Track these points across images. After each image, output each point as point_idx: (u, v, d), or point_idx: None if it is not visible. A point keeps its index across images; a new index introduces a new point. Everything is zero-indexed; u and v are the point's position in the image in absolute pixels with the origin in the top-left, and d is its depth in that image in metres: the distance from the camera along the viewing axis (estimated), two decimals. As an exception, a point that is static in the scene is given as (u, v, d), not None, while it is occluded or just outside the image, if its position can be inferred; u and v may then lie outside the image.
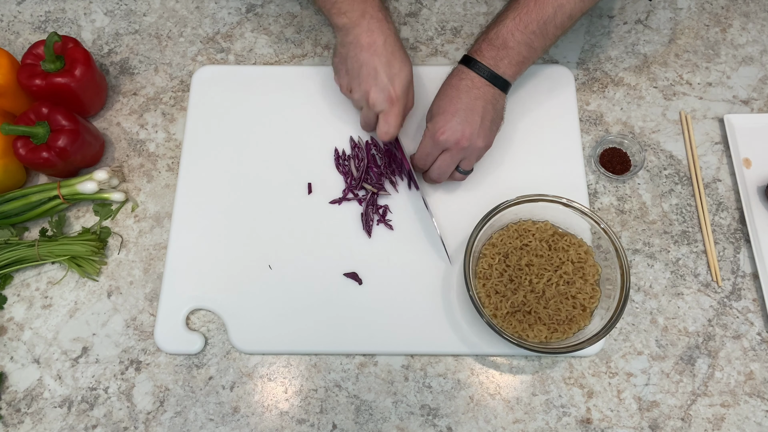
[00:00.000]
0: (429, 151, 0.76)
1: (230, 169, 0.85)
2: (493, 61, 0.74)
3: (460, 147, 0.74)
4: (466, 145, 0.74)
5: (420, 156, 0.77)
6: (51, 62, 0.81)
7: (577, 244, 0.76)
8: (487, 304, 0.73)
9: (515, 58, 0.75)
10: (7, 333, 0.78)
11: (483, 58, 0.74)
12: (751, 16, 0.95)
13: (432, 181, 0.80)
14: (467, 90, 0.74)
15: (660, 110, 0.89)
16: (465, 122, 0.73)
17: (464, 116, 0.73)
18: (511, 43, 0.74)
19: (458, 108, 0.73)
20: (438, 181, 0.79)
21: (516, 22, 0.74)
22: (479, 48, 0.75)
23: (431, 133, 0.74)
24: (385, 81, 0.74)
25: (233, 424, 0.73)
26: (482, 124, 0.74)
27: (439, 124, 0.74)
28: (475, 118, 0.73)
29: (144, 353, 0.77)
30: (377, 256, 0.79)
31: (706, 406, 0.73)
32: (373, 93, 0.74)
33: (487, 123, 0.75)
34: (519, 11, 0.74)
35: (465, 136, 0.73)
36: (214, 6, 0.97)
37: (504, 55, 0.74)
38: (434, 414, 0.73)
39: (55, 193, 0.81)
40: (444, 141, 0.74)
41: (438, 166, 0.76)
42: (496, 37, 0.74)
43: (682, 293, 0.79)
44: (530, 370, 0.75)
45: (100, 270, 0.81)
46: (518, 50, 0.74)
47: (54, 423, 0.74)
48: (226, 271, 0.79)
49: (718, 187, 0.84)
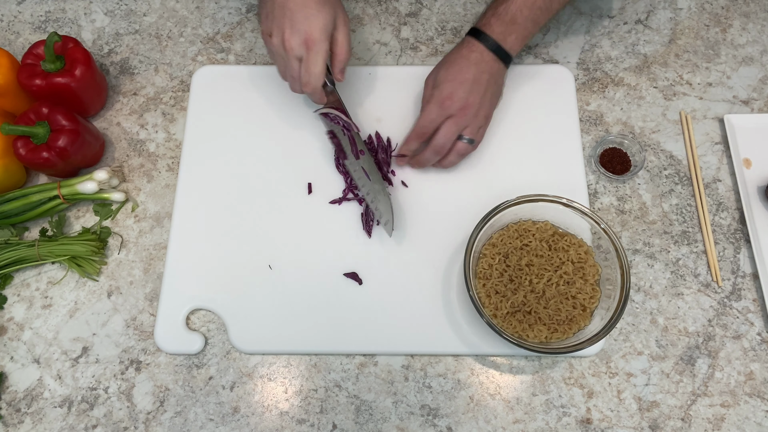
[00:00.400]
0: (434, 117, 0.76)
1: (230, 169, 0.85)
2: (502, 36, 0.76)
3: (465, 113, 0.75)
4: (470, 113, 0.76)
5: (424, 122, 0.77)
6: (51, 62, 0.81)
7: (577, 244, 0.76)
8: (487, 304, 0.73)
9: (522, 33, 0.77)
10: (7, 333, 0.78)
11: (492, 32, 0.76)
12: (751, 16, 0.95)
13: (434, 153, 0.78)
14: (476, 62, 0.76)
15: (660, 110, 0.89)
16: (471, 92, 0.75)
17: (470, 86, 0.75)
18: (520, 19, 0.76)
19: (466, 78, 0.75)
20: (441, 150, 0.78)
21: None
22: (488, 22, 0.77)
23: (438, 99, 0.76)
24: (302, 21, 0.70)
25: (233, 424, 0.73)
26: (485, 95, 0.77)
27: (447, 90, 0.75)
28: (480, 89, 0.76)
29: (144, 353, 0.77)
30: (377, 256, 0.79)
31: (706, 406, 0.73)
32: (287, 34, 0.71)
33: (489, 95, 0.77)
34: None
35: (470, 103, 0.75)
36: (214, 6, 0.97)
37: (512, 31, 0.77)
38: (434, 414, 0.73)
39: (55, 193, 0.81)
40: (451, 106, 0.75)
41: (443, 132, 0.76)
42: (505, 13, 0.76)
43: (682, 293, 0.79)
44: (530, 370, 0.75)
45: (100, 270, 0.81)
46: (525, 26, 0.77)
47: (54, 423, 0.74)
48: (226, 271, 0.79)
49: (718, 187, 0.84)
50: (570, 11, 0.95)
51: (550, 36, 0.94)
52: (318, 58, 0.72)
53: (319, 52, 0.72)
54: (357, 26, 0.95)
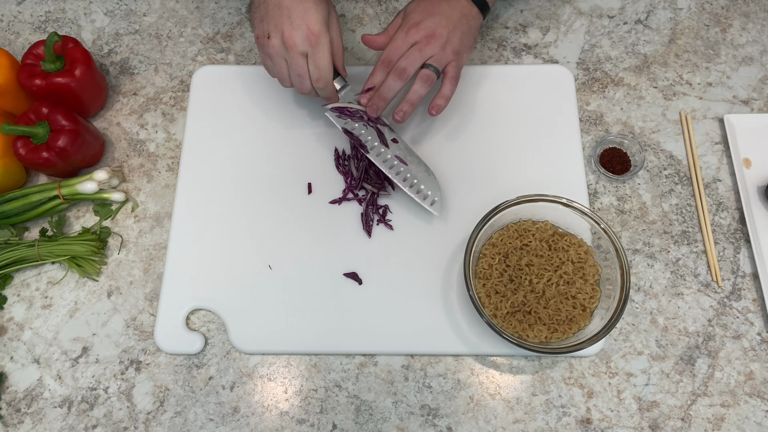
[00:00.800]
0: (398, 45, 0.75)
1: (230, 169, 0.85)
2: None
3: (430, 42, 0.74)
4: (435, 43, 0.74)
5: (389, 50, 0.75)
6: (51, 62, 0.81)
7: (577, 244, 0.76)
8: (487, 304, 0.73)
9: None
10: (7, 333, 0.78)
11: None
12: (751, 16, 0.95)
13: (398, 75, 0.75)
14: (449, 1, 0.76)
15: (660, 110, 0.89)
16: (439, 24, 0.74)
17: (439, 19, 0.74)
18: None
19: (435, 11, 0.75)
20: (404, 73, 0.74)
21: None
22: None
23: (405, 27, 0.75)
24: (301, 17, 0.70)
25: (233, 424, 0.73)
26: (454, 30, 0.75)
27: (414, 19, 0.74)
28: (448, 24, 0.75)
29: (144, 353, 0.77)
30: (377, 256, 0.79)
31: (706, 406, 0.73)
32: (288, 32, 0.70)
33: (458, 33, 0.75)
34: None
35: (436, 34, 0.74)
36: (214, 6, 0.97)
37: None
38: (434, 414, 0.73)
39: (55, 193, 0.81)
40: (415, 34, 0.74)
41: (406, 56, 0.74)
42: None
43: (682, 293, 0.79)
44: (530, 370, 0.75)
45: (100, 270, 0.81)
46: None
47: (54, 423, 0.74)
48: (226, 271, 0.79)
49: (718, 187, 0.84)
50: (570, 11, 0.95)
51: (550, 36, 0.94)
52: (324, 51, 0.72)
53: (323, 44, 0.71)
54: (357, 26, 0.95)
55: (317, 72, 0.73)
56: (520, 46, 0.93)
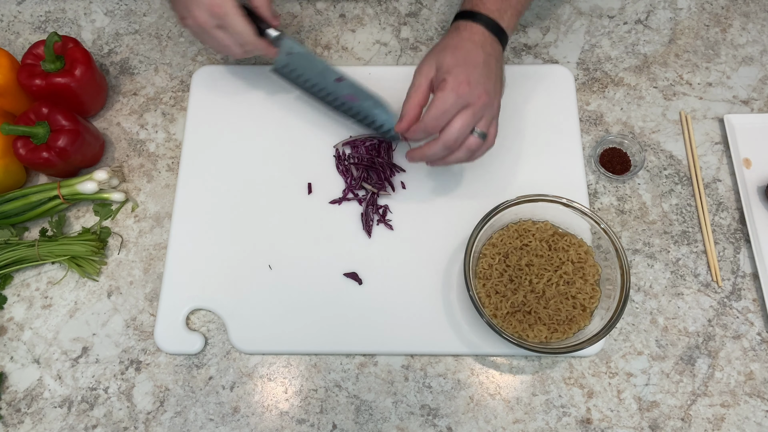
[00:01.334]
0: (448, 108, 0.66)
1: (230, 169, 0.85)
2: (498, 13, 0.70)
3: (482, 103, 0.66)
4: (486, 101, 0.67)
5: (436, 114, 0.66)
6: (51, 62, 0.81)
7: (577, 244, 0.76)
8: (487, 304, 0.73)
9: (516, 8, 0.72)
10: (7, 333, 0.78)
11: (488, 11, 0.70)
12: (751, 16, 0.95)
13: (444, 148, 0.68)
14: (482, 44, 0.68)
15: (660, 110, 0.89)
16: (486, 78, 0.67)
17: (484, 71, 0.67)
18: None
19: (479, 61, 0.67)
20: (454, 145, 0.68)
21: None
22: (482, 1, 0.71)
23: (453, 85, 0.65)
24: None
25: (233, 424, 0.73)
26: (496, 83, 0.69)
27: (463, 75, 0.66)
28: (492, 76, 0.68)
29: (144, 353, 0.77)
30: (377, 256, 0.79)
31: (706, 406, 0.73)
32: (195, 11, 0.71)
33: (499, 83, 0.70)
34: None
35: (488, 90, 0.67)
36: (214, 6, 0.97)
37: (507, 7, 0.71)
38: (434, 414, 0.73)
39: (55, 193, 0.81)
40: (468, 94, 0.65)
41: (459, 124, 0.66)
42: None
43: (682, 293, 0.79)
44: (530, 370, 0.75)
45: (100, 270, 0.81)
46: (518, 1, 0.73)
47: (54, 423, 0.74)
48: (226, 271, 0.79)
49: (718, 187, 0.84)
50: (570, 11, 0.95)
51: (550, 36, 0.94)
52: (234, 17, 0.72)
53: (230, 13, 0.71)
54: (357, 26, 0.95)
55: (238, 38, 0.73)
56: (520, 46, 0.93)
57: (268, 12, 0.76)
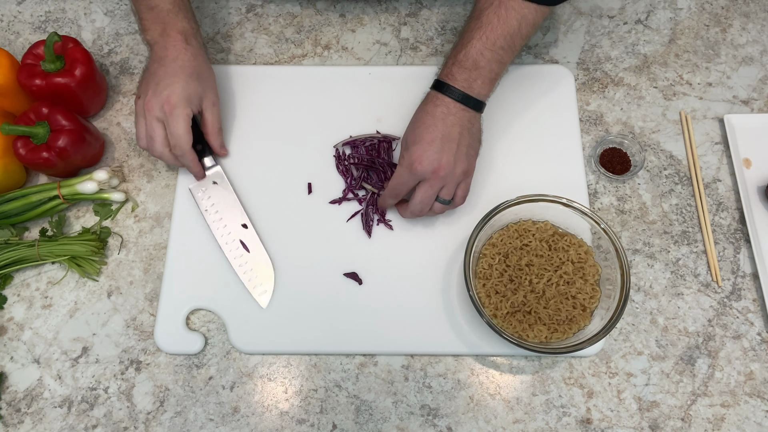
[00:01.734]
0: (404, 181, 0.73)
1: (230, 169, 0.85)
2: (467, 83, 0.73)
3: (438, 176, 0.72)
4: (443, 174, 0.72)
5: (394, 186, 0.75)
6: (51, 62, 0.81)
7: (577, 244, 0.76)
8: (487, 304, 0.73)
9: (488, 76, 0.74)
10: (7, 333, 0.78)
11: (455, 82, 0.73)
12: (751, 16, 0.95)
13: (412, 215, 0.76)
14: (443, 117, 0.72)
15: (660, 110, 0.89)
16: (442, 150, 0.71)
17: (441, 144, 0.71)
18: (482, 63, 0.73)
19: (435, 136, 0.71)
20: (419, 214, 0.76)
21: (483, 41, 0.72)
22: (450, 72, 0.74)
23: (408, 162, 0.72)
24: (164, 87, 0.75)
25: (233, 424, 0.73)
26: (458, 150, 0.72)
27: (416, 153, 0.72)
28: (452, 146, 0.72)
29: (144, 353, 0.77)
30: (377, 256, 0.79)
31: (706, 406, 0.73)
32: (150, 96, 0.75)
33: (464, 149, 0.73)
34: (484, 29, 0.73)
35: (442, 164, 0.71)
36: (214, 6, 0.97)
37: (477, 76, 0.73)
38: (434, 414, 0.73)
39: (55, 193, 0.81)
40: (422, 171, 0.71)
41: (419, 198, 0.73)
42: (465, 59, 0.73)
43: (682, 293, 0.79)
44: (530, 370, 0.75)
45: (100, 270, 0.81)
46: (489, 68, 0.73)
47: (54, 423, 0.74)
48: (226, 271, 0.79)
49: (718, 187, 0.84)
50: (570, 11, 0.95)
51: (550, 36, 0.94)
52: (178, 120, 0.75)
53: (179, 116, 0.75)
54: (357, 26, 0.95)
55: (173, 139, 0.76)
56: (520, 46, 0.93)
57: (216, 141, 0.82)
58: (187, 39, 0.78)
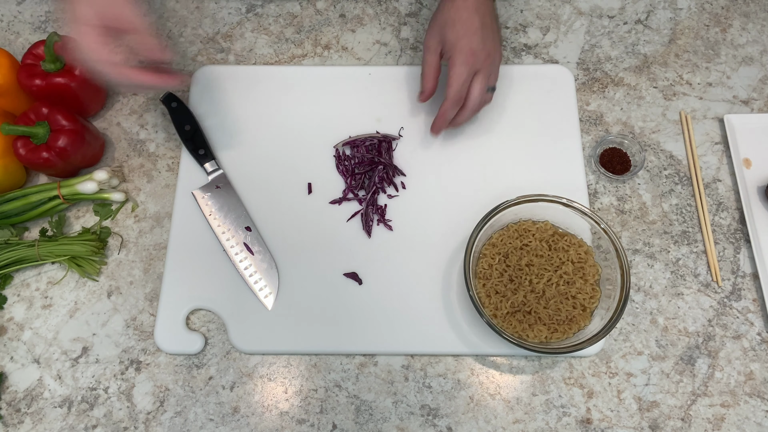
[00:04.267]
0: (464, 79, 0.75)
1: (230, 169, 0.85)
2: None
3: (488, 64, 0.76)
4: (491, 61, 0.76)
5: (456, 88, 0.76)
6: (51, 62, 0.81)
7: (577, 244, 0.76)
8: (487, 304, 0.73)
9: None
10: (7, 333, 0.78)
11: None
12: (751, 16, 0.95)
13: (471, 113, 0.78)
14: (476, 8, 0.76)
15: (660, 110, 0.89)
16: (487, 38, 0.76)
17: (483, 33, 0.75)
18: None
19: (477, 26, 0.75)
20: (478, 109, 0.78)
21: None
22: None
23: (463, 58, 0.75)
24: None
25: (233, 424, 0.73)
26: (495, 35, 0.77)
27: (468, 46, 0.75)
28: (490, 33, 0.76)
29: (144, 353, 0.77)
30: (377, 256, 0.79)
31: (706, 406, 0.73)
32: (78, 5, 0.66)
33: (497, 34, 0.78)
34: None
35: (490, 51, 0.76)
36: (214, 6, 0.97)
37: None
38: (434, 414, 0.73)
39: (55, 193, 0.81)
40: (475, 62, 0.75)
41: (478, 90, 0.76)
42: None
43: (682, 293, 0.79)
44: (530, 370, 0.75)
45: (100, 270, 0.81)
46: None
47: (54, 423, 0.74)
48: (226, 271, 0.79)
49: (718, 187, 0.84)
50: (570, 11, 0.95)
51: (550, 36, 0.94)
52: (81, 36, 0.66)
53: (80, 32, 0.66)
54: (357, 26, 0.95)
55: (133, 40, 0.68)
56: (520, 46, 0.93)
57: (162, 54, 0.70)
58: None
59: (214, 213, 0.81)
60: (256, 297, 0.77)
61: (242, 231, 0.80)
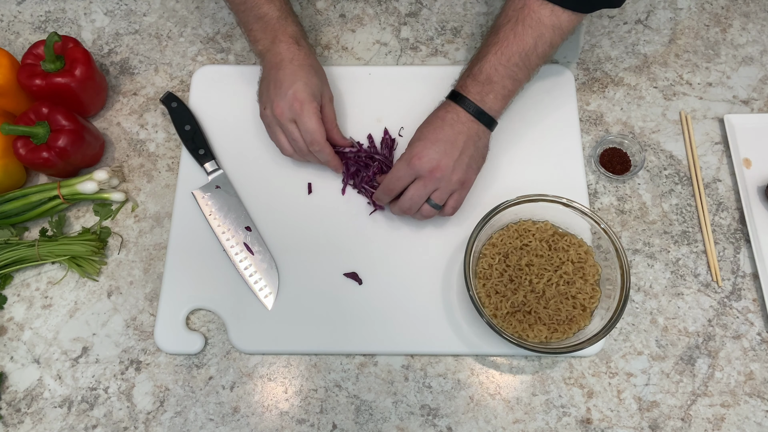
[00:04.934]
0: (401, 176, 0.73)
1: (230, 169, 0.85)
2: (479, 96, 0.74)
3: (433, 176, 0.72)
4: (439, 176, 0.72)
5: (390, 179, 0.74)
6: (51, 62, 0.81)
7: (577, 244, 0.76)
8: (487, 304, 0.73)
9: (500, 92, 0.74)
10: (7, 333, 0.78)
11: (469, 94, 0.74)
12: (751, 16, 0.95)
13: (401, 211, 0.76)
14: (452, 123, 0.73)
15: (660, 110, 0.89)
16: (443, 153, 0.72)
17: (443, 147, 0.72)
18: (495, 78, 0.74)
19: (439, 138, 0.72)
20: (408, 211, 0.75)
21: (498, 56, 0.73)
22: (464, 84, 0.75)
23: (407, 157, 0.73)
24: (288, 88, 0.75)
25: (233, 424, 0.73)
26: (460, 158, 0.73)
27: (417, 149, 0.73)
28: (454, 152, 0.72)
29: (144, 353, 0.77)
30: (377, 256, 0.79)
31: (706, 406, 0.73)
32: (276, 102, 0.75)
33: (465, 158, 0.73)
34: (500, 45, 0.74)
35: (440, 166, 0.72)
36: (214, 6, 0.97)
37: (489, 90, 0.74)
38: (434, 414, 0.73)
39: (55, 193, 0.81)
40: (419, 167, 0.72)
41: (410, 195, 0.74)
42: (479, 73, 0.74)
43: (682, 293, 0.79)
44: (530, 370, 0.75)
45: (100, 270, 0.81)
46: (503, 84, 0.74)
47: (54, 423, 0.74)
48: (226, 271, 0.79)
49: (718, 187, 0.84)
50: (570, 11, 0.95)
51: (550, 36, 0.94)
52: (310, 115, 0.75)
53: (309, 111, 0.75)
54: (357, 26, 0.95)
55: (308, 135, 0.76)
56: (520, 46, 0.93)
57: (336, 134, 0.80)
58: (298, 41, 0.78)
59: (214, 213, 0.81)
60: (256, 297, 0.77)
61: (242, 231, 0.80)
